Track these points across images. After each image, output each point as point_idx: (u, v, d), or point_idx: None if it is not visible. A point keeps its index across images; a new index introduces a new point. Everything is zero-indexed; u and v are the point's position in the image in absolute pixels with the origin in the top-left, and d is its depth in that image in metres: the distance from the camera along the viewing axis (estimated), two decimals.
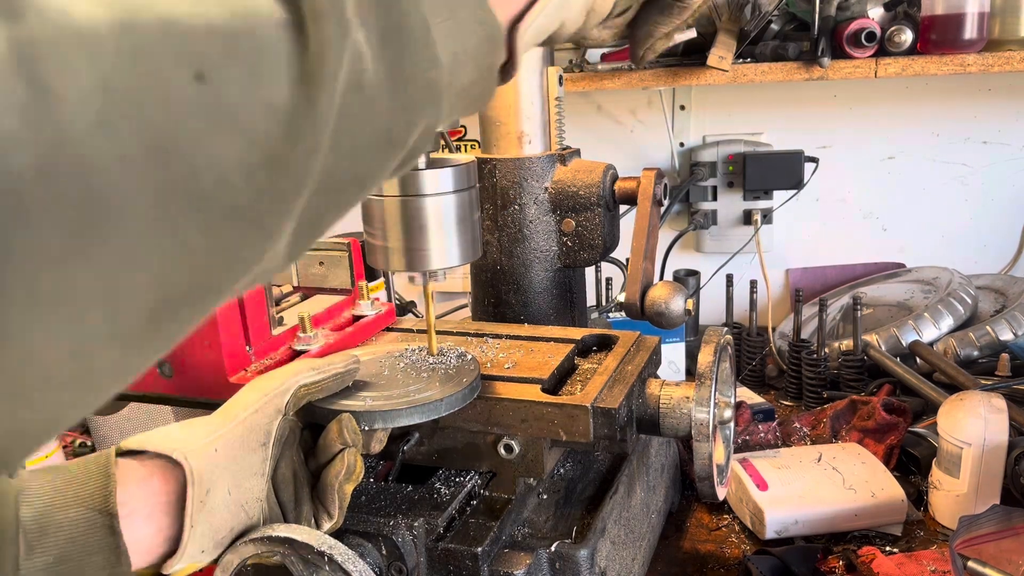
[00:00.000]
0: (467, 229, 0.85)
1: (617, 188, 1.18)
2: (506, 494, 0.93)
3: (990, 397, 1.16)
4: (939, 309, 1.63)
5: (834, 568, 1.09)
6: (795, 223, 1.96)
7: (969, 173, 1.89)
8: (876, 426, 1.35)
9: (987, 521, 1.06)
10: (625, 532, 1.01)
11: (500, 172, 1.18)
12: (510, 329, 1.12)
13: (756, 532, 1.17)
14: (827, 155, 1.90)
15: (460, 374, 0.90)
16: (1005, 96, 1.82)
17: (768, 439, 1.38)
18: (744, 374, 1.70)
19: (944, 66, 1.56)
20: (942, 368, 1.47)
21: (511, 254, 1.20)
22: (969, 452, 1.14)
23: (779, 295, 2.03)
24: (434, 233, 0.83)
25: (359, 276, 1.13)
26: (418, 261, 0.84)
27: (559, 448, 0.98)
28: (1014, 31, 1.58)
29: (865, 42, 1.55)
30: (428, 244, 0.83)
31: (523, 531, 0.93)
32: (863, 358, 1.55)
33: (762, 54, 1.65)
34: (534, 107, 1.18)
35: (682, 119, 1.96)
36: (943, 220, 1.93)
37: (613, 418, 0.87)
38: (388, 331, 1.13)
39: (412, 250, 0.83)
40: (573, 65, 1.77)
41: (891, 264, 1.97)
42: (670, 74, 1.66)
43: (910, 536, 1.17)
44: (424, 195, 0.82)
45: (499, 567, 0.86)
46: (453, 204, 0.83)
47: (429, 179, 0.82)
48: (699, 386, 0.93)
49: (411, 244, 0.83)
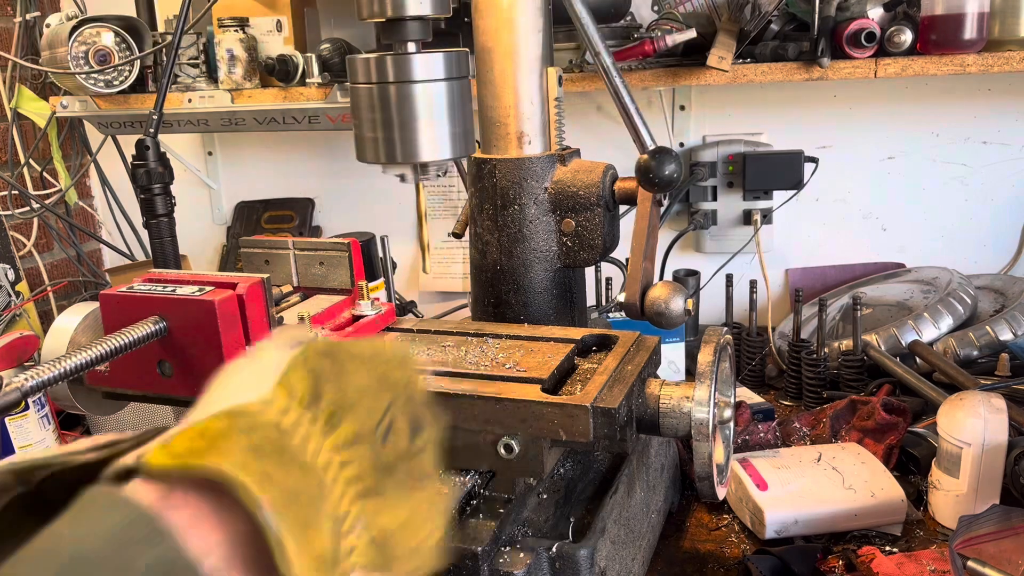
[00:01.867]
0: (458, 120, 0.82)
1: (617, 188, 1.18)
2: (506, 494, 0.93)
3: (990, 397, 1.16)
4: (939, 309, 1.63)
5: (834, 568, 1.09)
6: (795, 223, 1.96)
7: (969, 173, 1.89)
8: (876, 426, 1.35)
9: (987, 521, 1.06)
10: (625, 532, 1.01)
11: (500, 172, 1.18)
12: (510, 329, 1.12)
13: (756, 532, 1.17)
14: (827, 155, 1.90)
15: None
16: (1005, 96, 1.82)
17: (768, 439, 1.38)
18: (744, 374, 1.70)
19: (944, 66, 1.56)
20: (942, 368, 1.47)
21: (511, 254, 1.20)
22: (969, 452, 1.14)
23: (779, 295, 2.03)
24: (424, 121, 0.80)
25: (359, 276, 1.13)
26: (408, 152, 0.81)
27: (559, 448, 0.98)
28: (1014, 31, 1.58)
29: (865, 42, 1.55)
30: (418, 134, 0.80)
31: (523, 531, 0.93)
32: (863, 358, 1.55)
33: (762, 54, 1.65)
34: (534, 107, 1.18)
35: (682, 119, 1.96)
36: (943, 220, 1.93)
37: (613, 418, 0.87)
38: (388, 331, 1.13)
39: (402, 141, 0.80)
40: (573, 65, 1.77)
41: (891, 264, 1.97)
42: (670, 74, 1.66)
43: (910, 536, 1.17)
44: (414, 81, 0.79)
45: (499, 567, 0.86)
46: (444, 91, 0.80)
47: (419, 64, 0.79)
48: (699, 386, 0.93)
49: (401, 135, 0.80)
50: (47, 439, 1.34)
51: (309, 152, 2.22)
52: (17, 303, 1.85)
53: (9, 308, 1.82)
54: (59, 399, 1.00)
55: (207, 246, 2.34)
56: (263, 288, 0.94)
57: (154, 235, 1.58)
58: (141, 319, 0.89)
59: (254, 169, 2.27)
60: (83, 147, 2.23)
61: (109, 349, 0.84)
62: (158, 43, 1.87)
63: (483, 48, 1.18)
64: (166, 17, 1.98)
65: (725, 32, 1.63)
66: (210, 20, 1.84)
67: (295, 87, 1.81)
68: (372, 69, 0.78)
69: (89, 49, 1.77)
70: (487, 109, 1.20)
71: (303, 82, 1.80)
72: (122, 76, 1.84)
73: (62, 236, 2.24)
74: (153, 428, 0.48)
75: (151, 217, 1.56)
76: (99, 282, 2.26)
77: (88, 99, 1.90)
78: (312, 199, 2.23)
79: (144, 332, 0.88)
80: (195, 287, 0.91)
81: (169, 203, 1.56)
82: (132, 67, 1.84)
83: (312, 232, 2.22)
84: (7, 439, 1.30)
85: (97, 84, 1.82)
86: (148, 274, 0.98)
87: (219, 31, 1.82)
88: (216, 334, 0.88)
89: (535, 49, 1.16)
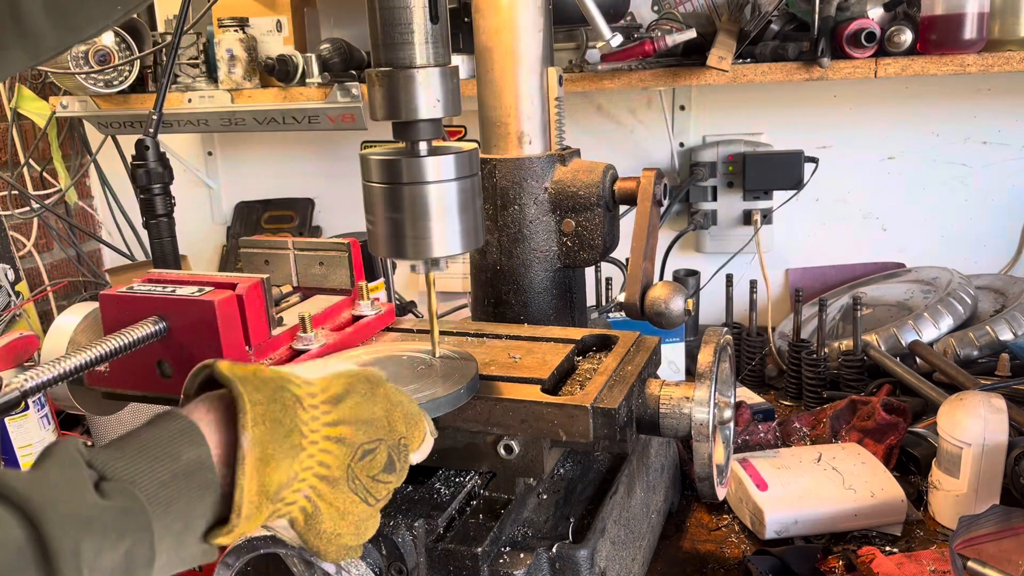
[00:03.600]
0: (469, 217, 0.85)
1: (617, 188, 1.18)
2: (506, 494, 0.93)
3: (990, 397, 1.16)
4: (939, 309, 1.63)
5: (834, 568, 1.09)
6: (795, 223, 1.96)
7: (969, 173, 1.89)
8: (876, 426, 1.35)
9: (987, 521, 1.06)
10: (625, 532, 1.01)
11: (500, 172, 1.18)
12: (510, 329, 1.12)
13: (756, 532, 1.17)
14: (827, 155, 1.90)
15: (459, 373, 0.90)
16: (1005, 96, 1.82)
17: (768, 439, 1.38)
18: (744, 374, 1.70)
19: (944, 66, 1.56)
20: (942, 368, 1.47)
21: (511, 254, 1.20)
22: (969, 452, 1.14)
23: (779, 295, 2.03)
24: (436, 220, 0.82)
25: (359, 276, 1.13)
26: (420, 249, 0.83)
27: (559, 448, 0.98)
28: (1014, 31, 1.57)
29: (865, 42, 1.55)
30: (430, 232, 0.83)
31: (523, 531, 0.93)
32: (863, 358, 1.55)
33: (762, 54, 1.65)
34: (534, 107, 1.18)
35: (682, 119, 1.96)
36: (943, 220, 1.93)
37: (613, 418, 0.87)
38: (388, 331, 1.13)
39: (413, 238, 0.83)
40: (573, 65, 1.77)
41: (891, 264, 1.97)
42: (670, 74, 1.66)
43: (910, 536, 1.17)
44: (426, 182, 0.81)
45: (499, 567, 0.86)
46: (455, 191, 0.83)
47: (431, 166, 0.81)
48: (699, 386, 0.93)
49: (412, 232, 0.83)
50: (47, 439, 1.34)
51: (309, 152, 2.22)
52: (17, 303, 1.85)
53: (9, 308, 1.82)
54: (59, 399, 1.00)
55: (207, 246, 2.34)
56: (263, 288, 0.94)
57: (154, 235, 1.58)
58: (141, 319, 0.89)
59: (254, 169, 2.27)
60: (83, 147, 2.23)
61: (109, 349, 0.84)
62: (158, 43, 1.87)
63: (483, 48, 1.18)
64: (166, 17, 1.98)
65: (725, 32, 1.63)
66: (210, 20, 1.84)
67: (295, 87, 1.81)
68: (385, 170, 0.81)
69: (89, 49, 1.77)
70: (487, 109, 1.20)
71: (303, 82, 1.80)
72: (122, 76, 1.85)
73: (62, 236, 2.24)
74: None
75: (151, 217, 1.56)
76: (99, 282, 2.26)
77: (88, 99, 1.90)
78: (312, 199, 2.23)
79: (144, 332, 0.87)
80: (195, 287, 0.91)
81: (169, 203, 1.56)
82: (132, 67, 1.84)
83: (312, 232, 2.22)
84: (7, 439, 1.30)
85: (97, 84, 1.82)
86: (148, 274, 0.98)
87: (219, 31, 1.82)
88: (216, 334, 0.88)
89: (535, 49, 1.16)
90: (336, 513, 0.68)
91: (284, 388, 0.67)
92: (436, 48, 0.79)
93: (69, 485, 0.53)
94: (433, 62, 0.79)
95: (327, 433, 0.68)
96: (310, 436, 0.67)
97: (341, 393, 0.70)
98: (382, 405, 0.73)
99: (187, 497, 0.59)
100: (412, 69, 0.78)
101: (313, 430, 0.67)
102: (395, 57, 0.78)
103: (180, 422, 0.62)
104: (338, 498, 0.68)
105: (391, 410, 0.73)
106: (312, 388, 0.69)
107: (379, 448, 0.71)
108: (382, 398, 0.73)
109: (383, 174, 0.82)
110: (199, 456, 0.61)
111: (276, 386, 0.66)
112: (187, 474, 0.59)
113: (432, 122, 0.81)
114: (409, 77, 0.78)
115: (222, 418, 0.64)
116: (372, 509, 0.71)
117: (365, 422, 0.70)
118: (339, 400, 0.70)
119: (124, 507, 0.54)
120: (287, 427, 0.65)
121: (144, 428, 0.61)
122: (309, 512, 0.67)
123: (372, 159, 0.83)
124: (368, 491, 0.70)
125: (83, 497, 0.53)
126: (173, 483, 0.58)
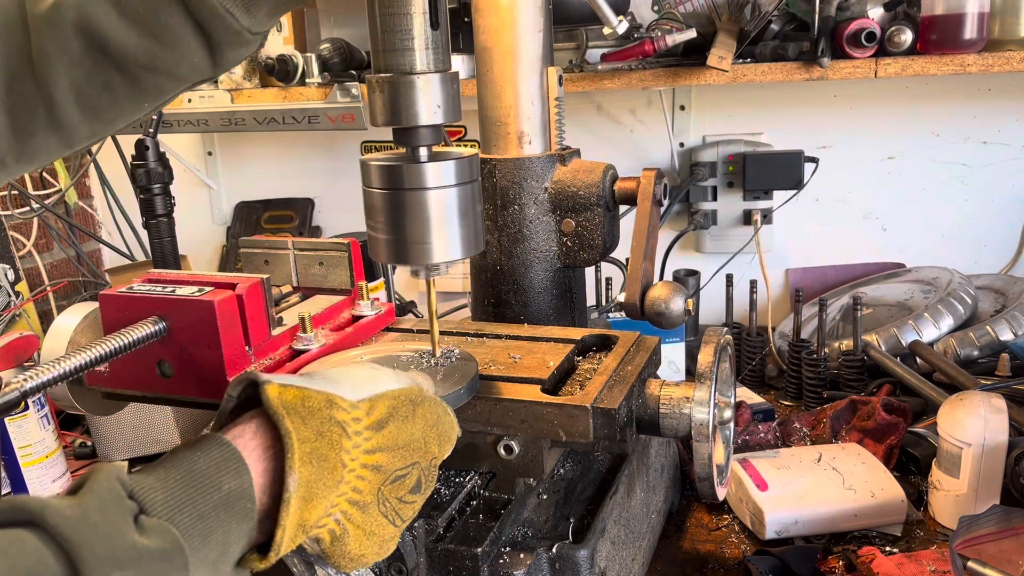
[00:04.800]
0: (469, 222, 0.85)
1: (617, 188, 1.18)
2: (506, 494, 0.93)
3: (990, 397, 1.16)
4: (939, 309, 1.63)
5: (834, 568, 1.09)
6: (795, 223, 1.96)
7: (969, 173, 1.89)
8: (876, 426, 1.35)
9: (987, 521, 1.06)
10: (625, 532, 1.01)
11: (500, 172, 1.18)
12: (510, 329, 1.12)
13: (756, 532, 1.17)
14: (827, 155, 1.89)
15: (459, 373, 0.90)
16: (1005, 96, 1.82)
17: (768, 439, 1.38)
18: (744, 374, 1.70)
19: (944, 66, 1.56)
20: (942, 368, 1.47)
21: (511, 254, 1.20)
22: (969, 452, 1.14)
23: (779, 295, 2.03)
24: (436, 226, 0.83)
25: (359, 276, 1.13)
26: (420, 254, 0.84)
27: (559, 448, 0.98)
28: (1014, 31, 1.57)
29: (865, 42, 1.55)
30: (430, 238, 0.83)
31: (523, 531, 0.93)
32: (863, 358, 1.55)
33: (762, 54, 1.65)
34: (534, 107, 1.18)
35: (682, 119, 1.96)
36: (943, 220, 1.93)
37: (613, 418, 0.87)
38: (388, 331, 1.13)
39: (414, 244, 0.83)
40: (573, 65, 1.76)
41: (891, 264, 1.97)
42: (670, 74, 1.66)
43: (910, 536, 1.17)
44: (427, 188, 0.82)
45: (499, 567, 0.86)
46: (455, 197, 0.83)
47: (432, 172, 0.82)
48: (699, 386, 0.93)
49: (413, 238, 0.83)
50: (47, 439, 1.34)
51: (309, 152, 2.22)
52: (17, 303, 1.85)
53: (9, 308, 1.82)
54: (59, 399, 1.00)
55: (207, 246, 2.34)
56: (263, 288, 0.94)
57: (154, 235, 1.58)
58: (141, 319, 0.89)
59: (254, 169, 2.27)
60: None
61: (109, 349, 0.84)
62: None
63: (483, 48, 1.18)
64: None
65: (725, 32, 1.63)
66: None
67: (295, 87, 1.81)
68: (385, 176, 0.81)
69: None
70: (487, 109, 1.20)
71: (303, 82, 1.80)
72: None
73: (62, 236, 2.24)
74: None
75: (151, 217, 1.56)
76: (99, 282, 2.26)
77: None
78: (312, 199, 2.23)
79: (144, 332, 0.87)
80: (194, 287, 0.91)
81: (169, 203, 1.56)
82: None
83: (312, 232, 2.22)
84: (7, 439, 1.30)
85: None
86: (148, 274, 0.98)
87: None
88: (216, 334, 0.88)
89: (535, 49, 1.16)
90: (363, 535, 0.69)
91: (331, 419, 0.67)
92: (436, 54, 0.79)
93: (109, 524, 0.53)
94: (433, 68, 0.79)
95: (365, 461, 0.68)
96: (350, 465, 0.67)
97: (384, 418, 0.70)
98: (420, 426, 0.73)
99: (225, 527, 0.59)
100: (412, 75, 0.78)
101: (353, 458, 0.68)
102: (395, 63, 0.78)
103: (224, 449, 0.62)
104: (367, 521, 0.69)
105: (427, 431, 0.74)
106: (357, 412, 0.69)
107: (411, 472, 0.72)
108: (421, 418, 0.74)
109: (384, 180, 0.83)
110: (240, 486, 0.61)
111: (323, 417, 0.66)
112: (227, 504, 0.60)
113: (432, 128, 0.81)
114: (409, 83, 0.78)
115: (267, 444, 0.65)
116: (397, 530, 0.72)
117: (403, 447, 0.71)
118: (382, 426, 0.70)
119: (163, 550, 0.54)
120: (332, 463, 0.65)
121: (187, 452, 0.61)
122: (337, 535, 0.68)
123: (372, 165, 0.83)
124: (396, 512, 0.71)
125: (123, 538, 0.53)
126: (213, 515, 0.59)
